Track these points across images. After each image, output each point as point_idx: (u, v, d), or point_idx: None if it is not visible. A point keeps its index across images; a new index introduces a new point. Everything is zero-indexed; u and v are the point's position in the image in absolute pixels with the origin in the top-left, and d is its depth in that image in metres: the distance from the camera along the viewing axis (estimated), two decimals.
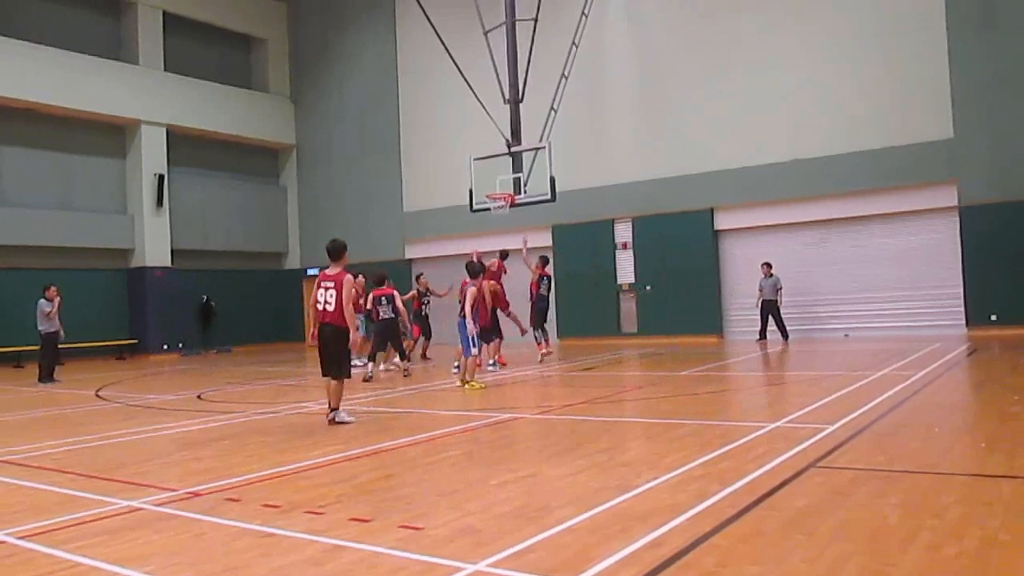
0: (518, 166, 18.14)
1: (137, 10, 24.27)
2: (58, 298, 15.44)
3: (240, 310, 26.10)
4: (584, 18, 19.90)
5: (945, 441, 6.35)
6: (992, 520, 4.07)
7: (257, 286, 27.03)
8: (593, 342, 20.83)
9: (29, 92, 21.46)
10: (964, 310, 17.44)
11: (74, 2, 23.81)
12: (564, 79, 19.13)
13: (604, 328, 21.47)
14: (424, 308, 16.65)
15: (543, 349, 15.62)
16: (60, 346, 15.91)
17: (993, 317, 17.00)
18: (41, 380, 15.41)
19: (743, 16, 19.70)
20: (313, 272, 25.73)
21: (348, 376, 8.69)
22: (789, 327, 18.45)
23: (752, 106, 19.50)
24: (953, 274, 17.63)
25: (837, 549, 3.73)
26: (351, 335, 8.48)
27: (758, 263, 18.86)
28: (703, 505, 4.54)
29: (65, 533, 4.57)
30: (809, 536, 3.94)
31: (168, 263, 24.39)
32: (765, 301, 18.45)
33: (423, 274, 17.63)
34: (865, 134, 18.23)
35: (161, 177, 24.03)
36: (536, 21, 18.51)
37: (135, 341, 23.82)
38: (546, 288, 15.94)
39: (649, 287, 21.04)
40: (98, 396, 12.99)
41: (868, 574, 3.42)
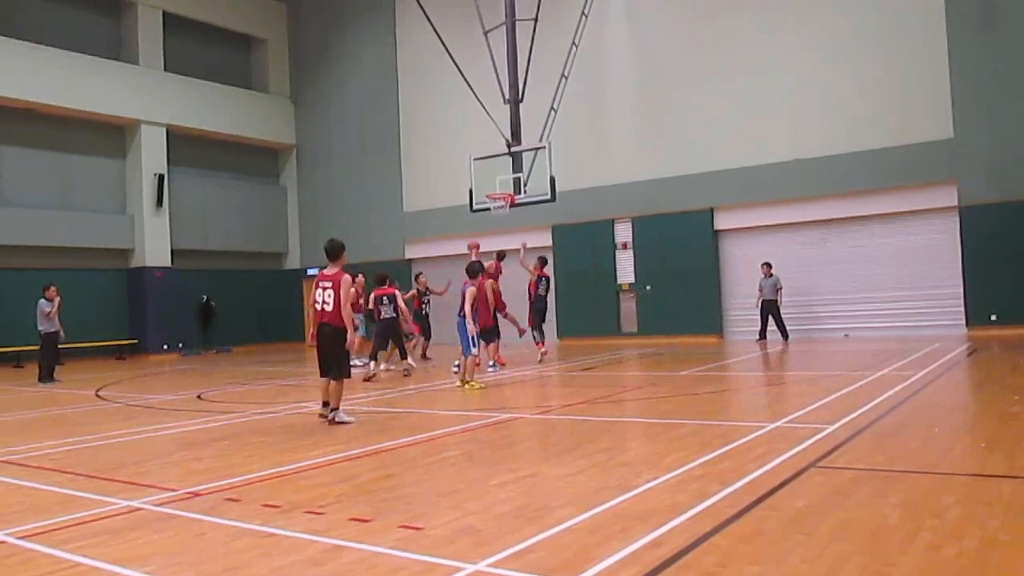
0: (518, 166, 18.14)
1: (137, 10, 24.28)
2: (58, 298, 15.44)
3: (240, 310, 26.11)
4: (584, 18, 19.90)
5: (945, 441, 6.35)
6: (992, 520, 4.07)
7: (257, 286, 27.03)
8: (593, 342, 20.83)
9: (29, 92, 21.47)
10: (964, 310, 17.44)
11: (74, 2, 23.82)
12: (564, 79, 19.13)
13: (604, 328, 21.48)
14: (424, 308, 16.65)
15: (542, 348, 15.74)
16: (60, 346, 15.92)
17: (993, 317, 17.00)
18: (41, 380, 15.41)
19: (743, 16, 19.70)
20: (313, 272, 25.71)
21: (348, 376, 8.71)
22: (789, 327, 18.46)
23: (752, 106, 19.50)
24: (953, 274, 17.63)
25: (837, 549, 3.73)
26: (348, 335, 8.48)
27: (758, 263, 18.87)
28: (703, 505, 4.54)
29: (65, 533, 4.57)
30: (809, 536, 3.93)
31: (168, 263, 24.39)
32: (765, 301, 18.46)
33: (422, 273, 17.64)
34: (865, 134, 18.23)
35: (161, 177, 24.04)
36: (536, 21, 18.52)
37: (135, 341, 23.83)
38: (544, 289, 16.17)
39: (649, 287, 21.04)
40: (98, 396, 12.99)
41: (868, 574, 3.42)
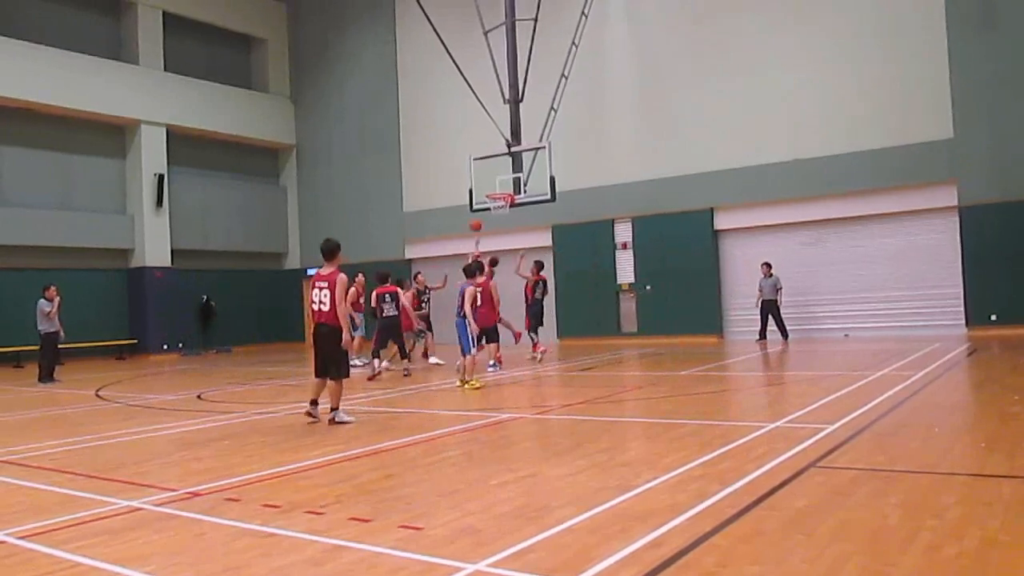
0: (518, 166, 18.15)
1: (137, 10, 24.27)
2: (58, 298, 15.44)
3: (240, 310, 26.10)
4: (584, 18, 19.90)
5: (945, 441, 6.35)
6: (992, 520, 4.07)
7: (257, 286, 27.02)
8: (593, 342, 20.83)
9: (29, 92, 21.46)
10: (964, 310, 17.44)
11: (74, 2, 23.81)
12: (564, 79, 19.13)
13: (604, 328, 21.48)
14: (424, 306, 16.65)
15: (540, 348, 16.02)
16: (60, 346, 15.92)
17: (993, 317, 17.00)
18: (41, 380, 15.41)
19: (743, 16, 19.70)
20: (313, 272, 25.66)
21: (347, 376, 8.71)
22: (789, 327, 18.46)
23: (752, 106, 19.49)
24: (953, 274, 17.63)
25: (837, 549, 3.73)
26: (344, 334, 8.46)
27: (758, 263, 18.86)
28: (703, 505, 4.54)
29: (65, 533, 4.57)
30: (809, 536, 3.94)
31: (168, 263, 24.39)
32: (765, 301, 18.46)
33: (420, 272, 17.68)
34: (865, 134, 18.23)
35: (161, 177, 24.03)
36: (536, 21, 18.52)
37: (135, 341, 23.82)
38: (541, 293, 16.97)
39: (649, 287, 21.04)
40: (98, 396, 12.99)
41: (868, 574, 3.42)
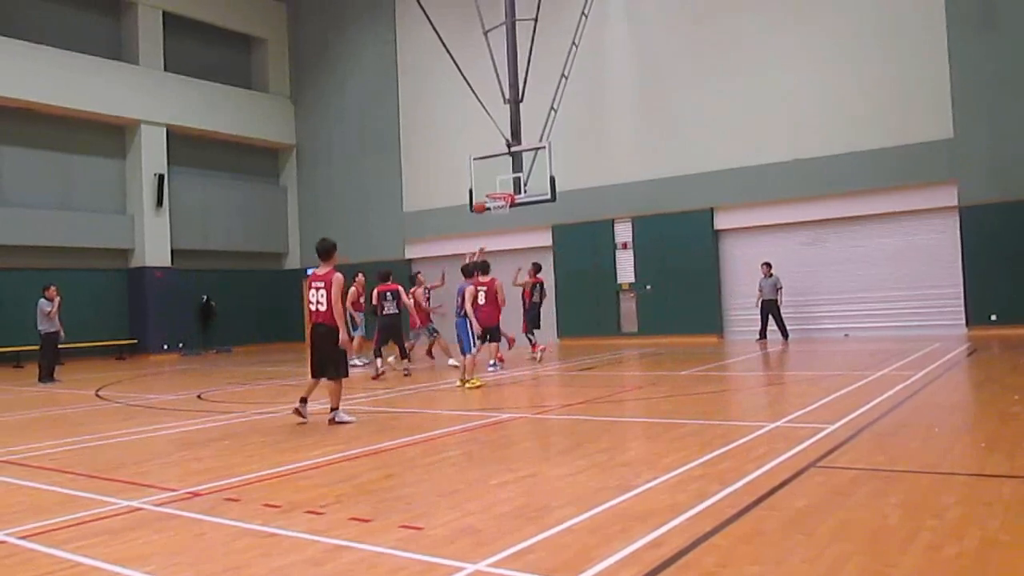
0: (518, 166, 18.15)
1: (137, 10, 24.27)
2: (58, 298, 15.44)
3: (240, 310, 26.11)
4: (584, 18, 19.89)
5: (945, 441, 6.35)
6: (992, 520, 4.07)
7: (257, 286, 27.02)
8: (593, 342, 20.83)
9: (29, 92, 21.46)
10: (964, 310, 17.44)
11: (74, 2, 23.81)
12: (564, 79, 19.13)
13: (604, 328, 21.48)
14: (424, 305, 16.67)
15: (540, 348, 16.18)
16: (60, 346, 15.92)
17: (993, 317, 17.00)
18: (41, 380, 15.41)
19: (743, 16, 19.70)
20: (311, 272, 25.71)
21: (346, 375, 8.71)
22: (789, 327, 18.46)
23: (752, 106, 19.49)
24: (953, 274, 17.63)
25: (837, 549, 3.73)
26: (340, 334, 8.46)
27: (758, 263, 18.87)
28: (703, 505, 4.54)
29: (65, 533, 4.57)
30: (809, 536, 3.93)
31: (168, 263, 24.39)
32: (765, 301, 18.47)
33: (420, 272, 17.70)
34: (865, 134, 18.23)
35: (161, 177, 24.03)
36: (536, 21, 18.52)
37: (135, 341, 23.82)
38: (538, 295, 17.26)
39: (649, 287, 21.05)
40: (98, 396, 12.99)
41: (868, 574, 3.42)
